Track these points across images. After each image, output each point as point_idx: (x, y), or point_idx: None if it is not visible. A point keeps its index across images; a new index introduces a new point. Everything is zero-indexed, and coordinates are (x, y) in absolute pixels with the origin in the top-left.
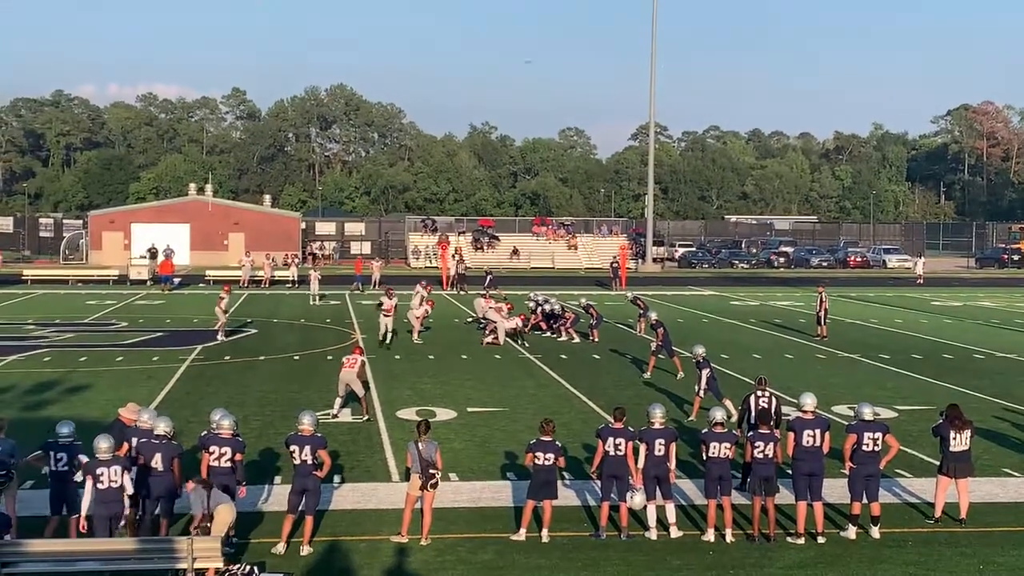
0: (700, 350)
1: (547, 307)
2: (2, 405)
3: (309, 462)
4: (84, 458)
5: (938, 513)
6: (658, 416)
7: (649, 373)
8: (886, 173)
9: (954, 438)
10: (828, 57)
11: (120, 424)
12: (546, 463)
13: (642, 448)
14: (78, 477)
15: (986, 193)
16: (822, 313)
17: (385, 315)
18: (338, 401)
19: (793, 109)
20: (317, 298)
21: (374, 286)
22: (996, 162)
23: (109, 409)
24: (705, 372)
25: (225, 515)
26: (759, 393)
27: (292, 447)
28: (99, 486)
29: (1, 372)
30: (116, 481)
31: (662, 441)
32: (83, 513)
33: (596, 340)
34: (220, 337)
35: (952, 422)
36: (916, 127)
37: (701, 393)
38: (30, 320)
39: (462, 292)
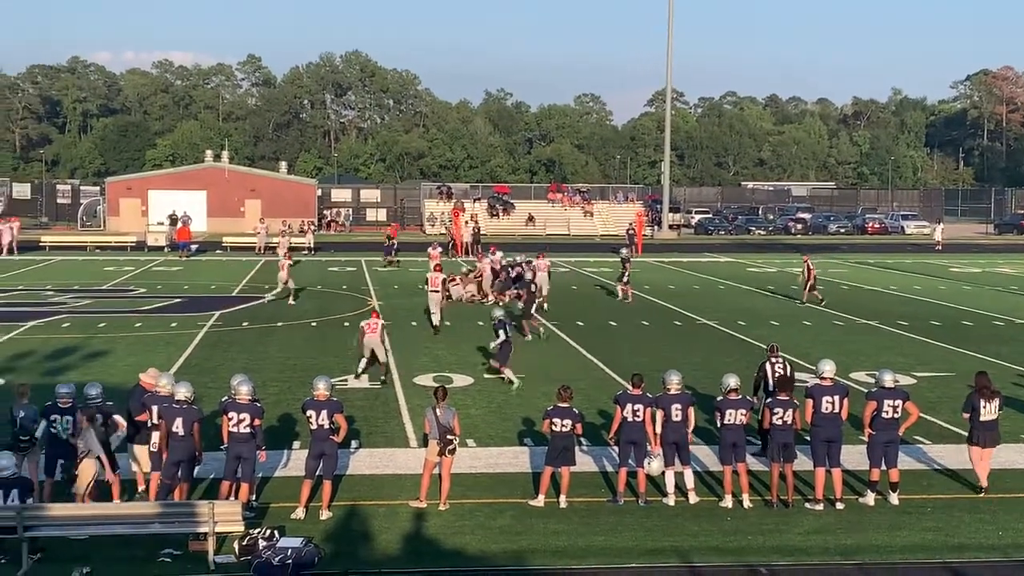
0: (498, 312)
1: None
2: (23, 371)
3: (326, 427)
4: (119, 418)
5: (984, 483)
6: (674, 382)
7: (529, 336)
8: (904, 139)
9: (984, 407)
10: (847, 22)
11: (142, 389)
12: (563, 429)
13: (659, 414)
14: (41, 429)
15: (1005, 159)
16: (811, 280)
17: (432, 290)
18: (363, 361)
19: (811, 74)
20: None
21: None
22: (1016, 127)
23: (129, 374)
24: (501, 334)
25: (88, 471)
26: (773, 360)
27: (309, 412)
28: (52, 430)
29: (21, 338)
30: (68, 428)
31: (679, 406)
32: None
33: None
34: (291, 300)
35: (981, 391)
36: (935, 92)
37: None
38: (49, 286)
39: (477, 259)
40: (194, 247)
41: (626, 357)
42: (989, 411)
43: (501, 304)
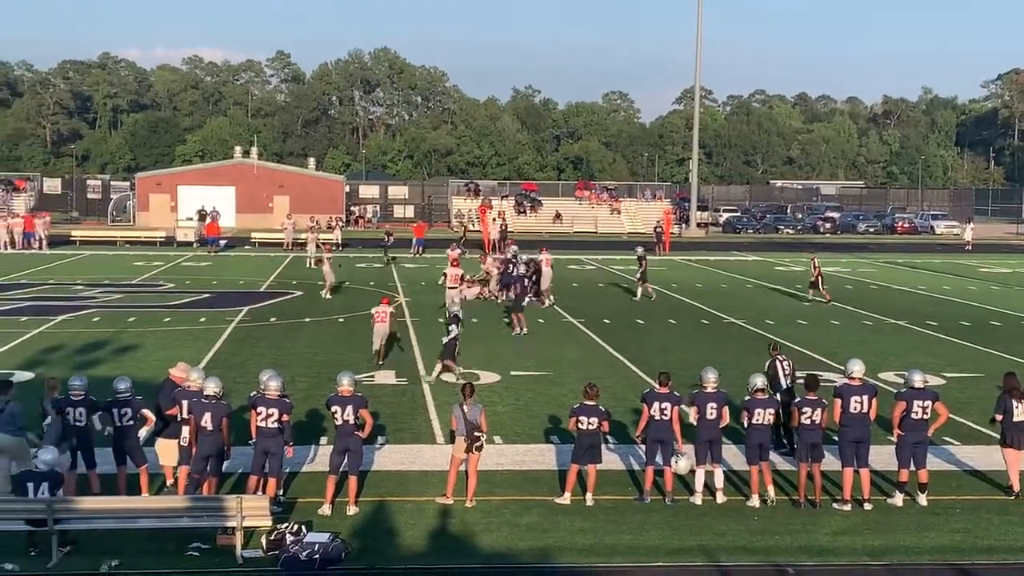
0: (455, 309)
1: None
2: (53, 364)
3: (351, 422)
4: (147, 412)
5: (1016, 487)
6: (711, 380)
7: (519, 330)
8: (935, 138)
9: (1016, 408)
10: (877, 20)
11: (171, 384)
12: (590, 427)
13: (693, 411)
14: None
15: None
16: (816, 278)
17: (450, 287)
18: (376, 345)
19: (841, 73)
20: (312, 261)
21: (417, 251)
22: None
23: (158, 369)
24: (453, 329)
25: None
26: (781, 358)
27: (333, 408)
28: (66, 421)
29: (51, 332)
30: (81, 420)
31: (714, 405)
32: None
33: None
34: (327, 295)
35: (1011, 392)
36: (966, 92)
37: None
38: (79, 280)
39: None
40: (223, 243)
41: (653, 355)
42: (1022, 412)
43: (481, 299)
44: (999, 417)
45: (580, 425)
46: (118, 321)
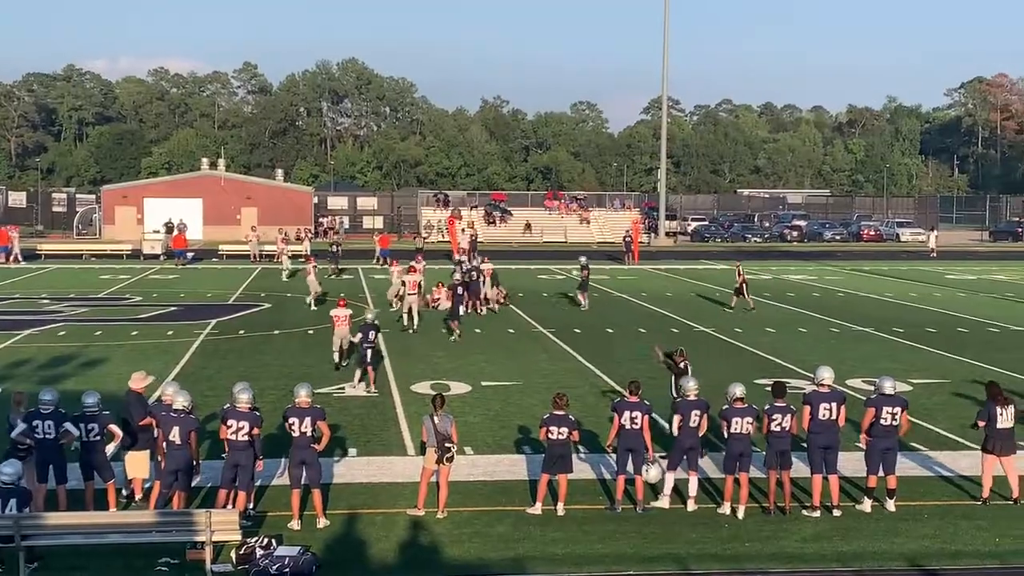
0: (369, 316)
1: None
2: (19, 379)
3: (308, 434)
4: (114, 427)
5: (986, 493)
6: (692, 388)
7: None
8: (899, 146)
9: (1000, 414)
10: (841, 29)
11: (137, 396)
12: (560, 437)
13: (676, 420)
14: (17, 431)
15: (1000, 166)
16: (743, 287)
17: (409, 293)
18: (336, 354)
19: (806, 82)
20: (286, 274)
21: (381, 261)
22: (1010, 135)
23: (126, 383)
24: (359, 335)
25: None
26: (686, 362)
27: (291, 419)
28: (36, 435)
29: (17, 346)
30: (51, 434)
31: (697, 413)
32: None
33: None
34: (311, 305)
35: (995, 399)
36: (930, 100)
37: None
38: (44, 294)
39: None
40: (190, 255)
41: (624, 364)
42: (1005, 418)
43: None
44: (982, 423)
45: (550, 435)
46: (85, 335)
